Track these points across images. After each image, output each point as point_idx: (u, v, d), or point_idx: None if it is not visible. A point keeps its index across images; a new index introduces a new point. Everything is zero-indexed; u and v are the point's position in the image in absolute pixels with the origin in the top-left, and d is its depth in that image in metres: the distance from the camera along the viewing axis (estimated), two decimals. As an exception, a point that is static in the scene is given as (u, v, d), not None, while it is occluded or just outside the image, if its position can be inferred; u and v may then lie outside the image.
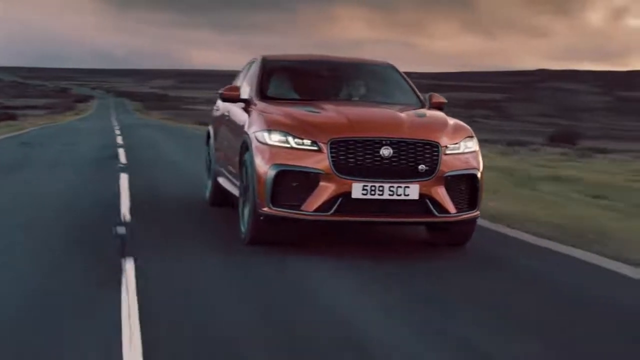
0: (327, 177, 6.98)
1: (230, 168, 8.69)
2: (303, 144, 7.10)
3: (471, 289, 6.12)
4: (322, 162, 7.00)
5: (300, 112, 7.57)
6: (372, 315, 5.24)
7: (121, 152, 18.97)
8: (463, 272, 6.76)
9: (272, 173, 7.07)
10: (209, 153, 10.52)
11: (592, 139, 56.15)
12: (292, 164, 7.07)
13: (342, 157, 7.00)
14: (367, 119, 7.43)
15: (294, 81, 8.85)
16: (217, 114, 10.16)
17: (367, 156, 7.02)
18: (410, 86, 8.91)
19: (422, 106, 8.50)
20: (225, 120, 9.23)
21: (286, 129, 7.21)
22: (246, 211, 7.59)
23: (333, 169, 6.97)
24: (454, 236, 7.75)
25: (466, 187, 7.37)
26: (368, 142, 7.05)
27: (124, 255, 6.53)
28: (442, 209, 7.16)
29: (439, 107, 8.56)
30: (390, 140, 7.07)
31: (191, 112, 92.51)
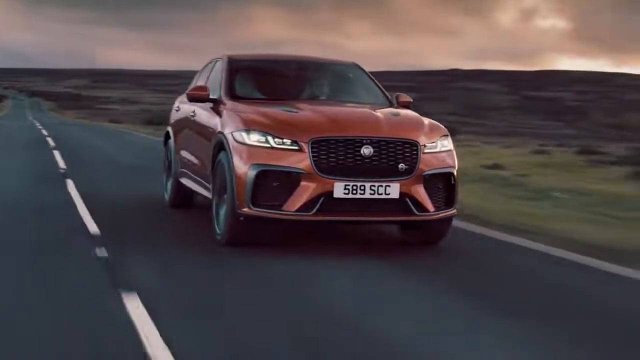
0: (308, 176, 6.92)
1: (200, 169, 8.53)
2: (283, 144, 7.02)
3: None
4: (303, 161, 6.94)
5: (276, 111, 7.48)
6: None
7: (50, 140, 25.15)
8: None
9: (252, 173, 6.97)
10: (168, 154, 10.24)
11: (474, 134, 57.26)
12: (273, 163, 6.98)
13: (323, 157, 6.95)
14: (346, 118, 7.39)
15: (262, 80, 8.77)
16: (178, 114, 9.94)
17: (348, 155, 6.99)
18: (377, 85, 8.93)
19: (391, 105, 8.52)
20: (191, 121, 9.04)
21: (265, 129, 7.11)
22: (222, 212, 7.46)
23: (315, 168, 6.92)
24: (430, 235, 7.79)
25: (443, 185, 7.41)
26: (349, 142, 7.02)
27: (65, 178, 12.74)
28: (422, 208, 7.19)
29: (406, 106, 8.60)
30: (370, 140, 7.06)
31: (105, 112, 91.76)
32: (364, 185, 6.97)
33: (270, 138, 7.05)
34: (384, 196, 7.03)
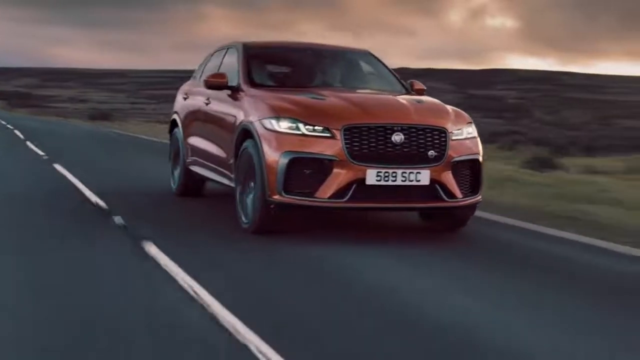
0: (340, 163, 6.87)
1: (218, 157, 8.39)
2: (314, 131, 6.95)
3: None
4: (335, 148, 6.88)
5: (303, 98, 7.40)
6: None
7: (10, 126, 32.71)
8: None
9: (284, 161, 6.89)
10: (175, 142, 9.97)
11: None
12: (305, 150, 6.91)
13: (355, 144, 6.91)
14: (375, 106, 7.34)
15: (279, 68, 8.73)
16: (187, 102, 9.75)
17: (380, 142, 6.95)
18: (391, 72, 8.92)
19: (408, 92, 8.51)
20: (205, 109, 8.88)
21: (295, 116, 7.03)
22: (249, 200, 7.37)
23: (347, 155, 6.87)
24: (453, 221, 7.79)
25: (470, 172, 7.42)
26: (380, 128, 6.98)
27: (26, 141, 20.92)
28: (451, 194, 7.19)
29: (420, 93, 8.61)
30: (401, 126, 7.03)
31: (55, 109, 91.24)
32: (396, 172, 6.94)
33: (301, 125, 6.98)
34: (414, 183, 7.01)
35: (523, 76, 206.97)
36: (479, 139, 7.66)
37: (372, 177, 6.91)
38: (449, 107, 7.74)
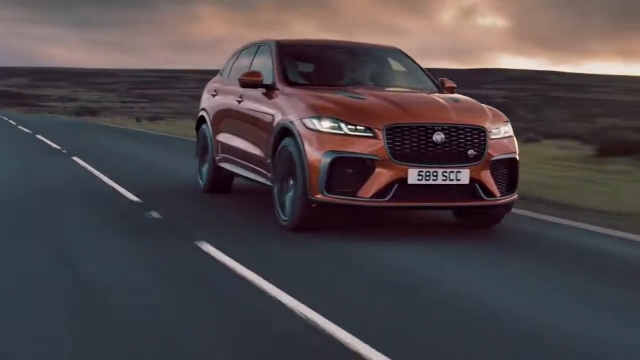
0: (383, 163, 6.89)
1: (252, 155, 8.40)
2: (356, 130, 6.97)
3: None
4: (377, 148, 6.90)
5: (342, 97, 7.42)
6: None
7: (4, 117, 42.82)
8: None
9: (327, 160, 6.90)
10: (205, 140, 9.87)
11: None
12: (347, 150, 6.93)
13: (397, 143, 6.93)
14: (415, 105, 7.36)
15: (312, 66, 8.74)
16: (216, 99, 9.72)
17: (421, 142, 6.98)
18: (422, 70, 8.94)
19: (440, 90, 8.53)
20: (237, 106, 8.88)
21: (336, 115, 7.05)
22: (287, 198, 7.40)
23: (389, 154, 6.90)
24: (489, 219, 7.81)
25: (508, 171, 7.45)
26: (422, 128, 7.01)
27: (18, 125, 33.30)
28: (489, 193, 7.23)
29: (451, 91, 8.63)
30: (441, 126, 7.07)
31: (46, 108, 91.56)
32: (437, 172, 6.97)
33: (342, 124, 6.99)
34: (455, 182, 7.05)
35: (512, 75, 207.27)
36: (515, 138, 7.70)
37: (413, 176, 6.94)
38: (485, 106, 7.78)
